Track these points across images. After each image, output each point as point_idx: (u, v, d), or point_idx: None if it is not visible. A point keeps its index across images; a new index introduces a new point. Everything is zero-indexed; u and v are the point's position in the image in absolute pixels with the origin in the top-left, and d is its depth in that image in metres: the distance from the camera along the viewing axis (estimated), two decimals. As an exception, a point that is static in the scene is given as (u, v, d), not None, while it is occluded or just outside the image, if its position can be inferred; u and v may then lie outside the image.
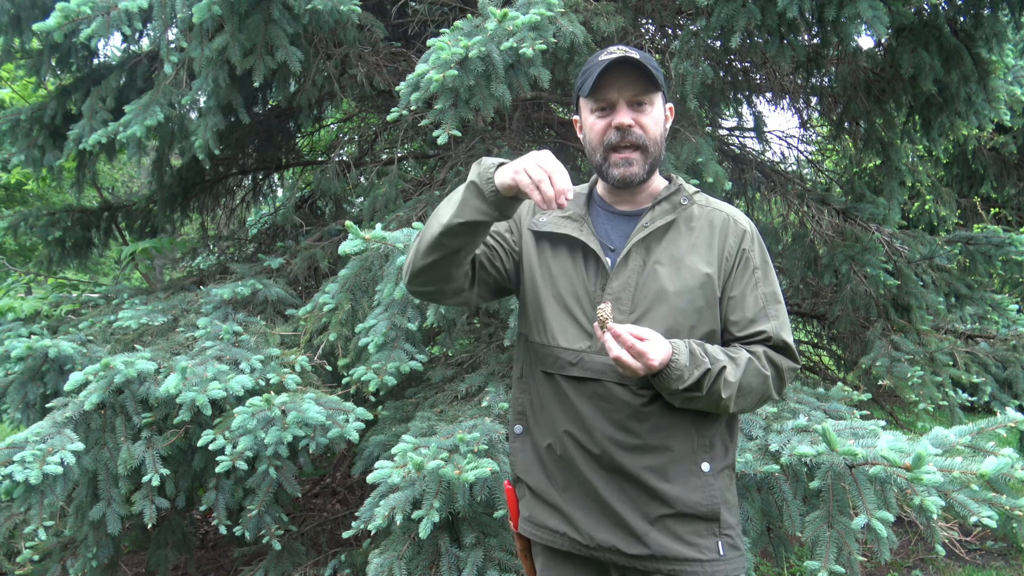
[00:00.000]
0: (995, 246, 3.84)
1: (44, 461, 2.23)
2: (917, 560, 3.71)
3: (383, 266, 2.60)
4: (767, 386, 1.46)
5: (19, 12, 3.42)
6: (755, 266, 1.52)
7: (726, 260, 1.50)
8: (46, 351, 2.76)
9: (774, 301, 1.52)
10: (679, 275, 1.47)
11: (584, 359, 1.48)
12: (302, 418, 2.36)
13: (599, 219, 1.57)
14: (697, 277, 1.47)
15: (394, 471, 2.09)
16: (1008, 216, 7.50)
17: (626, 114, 1.46)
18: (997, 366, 3.59)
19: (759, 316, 1.49)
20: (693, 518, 1.47)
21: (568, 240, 1.54)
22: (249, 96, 3.88)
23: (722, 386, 1.39)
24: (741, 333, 1.49)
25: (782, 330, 1.50)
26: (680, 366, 1.35)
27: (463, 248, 1.42)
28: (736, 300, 1.50)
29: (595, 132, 1.50)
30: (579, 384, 1.49)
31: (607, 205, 1.59)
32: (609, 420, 1.47)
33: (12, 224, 4.31)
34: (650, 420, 1.46)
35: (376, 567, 2.16)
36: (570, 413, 1.51)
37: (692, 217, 1.53)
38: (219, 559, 3.68)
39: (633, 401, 1.47)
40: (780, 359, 1.49)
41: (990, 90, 3.57)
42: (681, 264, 1.48)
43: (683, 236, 1.51)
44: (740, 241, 1.52)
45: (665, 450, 1.47)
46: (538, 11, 2.51)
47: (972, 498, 1.87)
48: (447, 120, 2.50)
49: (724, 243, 1.51)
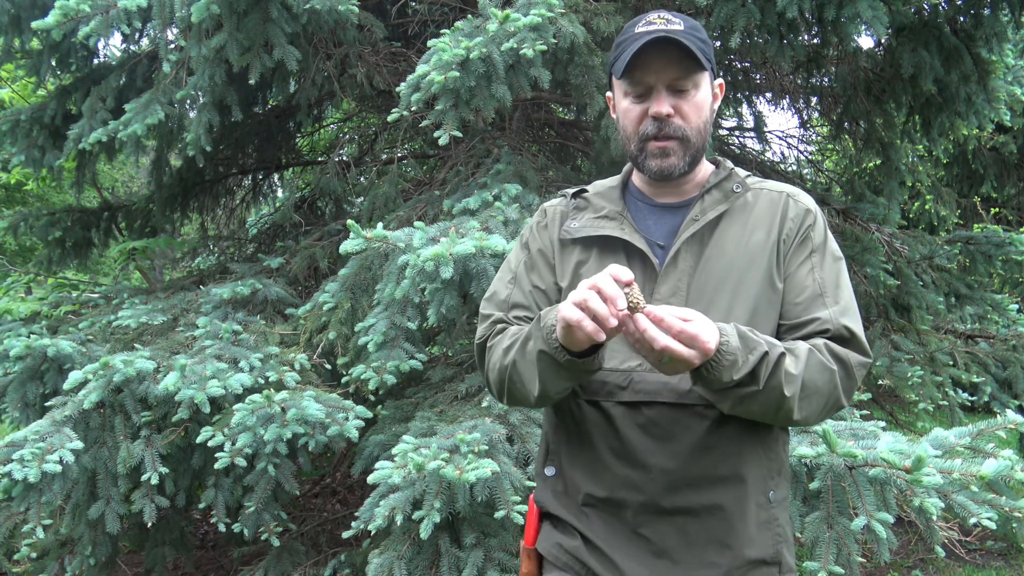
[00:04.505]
0: (995, 246, 3.84)
1: (43, 460, 2.23)
2: (917, 560, 3.71)
3: (383, 265, 2.60)
4: (835, 385, 1.19)
5: (19, 12, 3.42)
6: (813, 247, 1.29)
7: (783, 243, 1.29)
8: (45, 350, 2.76)
9: (835, 286, 1.27)
10: (736, 273, 1.26)
11: (635, 379, 1.26)
12: (301, 415, 2.36)
13: (639, 214, 1.36)
14: (757, 274, 1.26)
15: (394, 471, 2.09)
16: (1008, 216, 7.50)
17: (665, 102, 1.25)
18: (997, 366, 3.59)
19: (814, 302, 1.25)
20: (760, 565, 1.26)
21: (608, 242, 1.33)
22: (249, 96, 3.89)
23: (783, 379, 1.13)
24: (793, 321, 1.26)
25: (844, 316, 1.24)
26: (732, 348, 1.08)
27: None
28: (788, 284, 1.28)
29: (630, 119, 1.30)
30: (630, 411, 1.26)
31: (646, 198, 1.38)
32: (669, 451, 1.23)
33: (12, 224, 4.31)
34: (720, 445, 1.24)
35: (376, 567, 2.16)
36: (620, 447, 1.27)
37: (747, 204, 1.32)
38: (219, 559, 3.68)
39: (698, 424, 1.23)
40: (846, 352, 1.22)
41: (990, 90, 3.57)
42: (737, 261, 1.27)
43: (738, 227, 1.29)
44: (801, 221, 1.30)
45: (738, 481, 1.24)
46: (538, 12, 2.51)
47: (972, 499, 1.87)
48: (448, 121, 2.50)
49: (783, 225, 1.29)
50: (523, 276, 1.40)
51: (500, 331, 1.34)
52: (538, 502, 1.40)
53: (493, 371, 1.31)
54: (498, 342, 1.31)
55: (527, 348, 1.22)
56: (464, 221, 2.61)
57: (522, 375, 1.24)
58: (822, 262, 1.29)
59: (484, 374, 1.36)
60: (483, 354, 1.36)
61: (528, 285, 1.39)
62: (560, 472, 1.37)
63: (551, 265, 1.39)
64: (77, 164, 3.91)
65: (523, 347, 1.23)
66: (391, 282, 2.50)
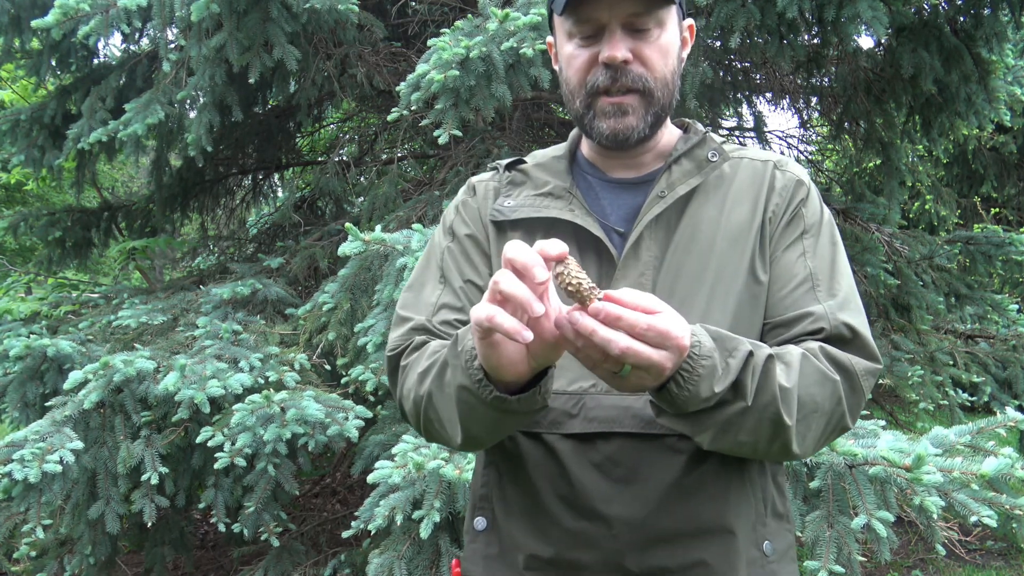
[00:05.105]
0: (995, 246, 3.84)
1: (43, 460, 2.23)
2: (917, 560, 3.71)
3: (382, 266, 2.60)
4: (838, 400, 0.92)
5: (19, 12, 3.42)
6: (805, 227, 1.04)
7: (769, 223, 1.03)
8: (45, 350, 2.76)
9: (830, 274, 1.01)
10: (714, 264, 1.01)
11: (587, 404, 0.98)
12: (301, 415, 2.36)
13: (590, 192, 1.09)
14: (739, 265, 1.01)
15: (394, 471, 2.09)
16: (1008, 216, 7.50)
17: (620, 44, 0.97)
18: (997, 366, 3.59)
19: (805, 294, 0.99)
20: None
21: (553, 226, 1.04)
22: (249, 96, 3.89)
23: (778, 393, 0.86)
24: (778, 319, 1.00)
25: (843, 310, 0.98)
26: (706, 350, 0.81)
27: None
28: (773, 272, 1.02)
29: (574, 68, 1.01)
30: (582, 446, 0.98)
31: (598, 172, 1.10)
32: (634, 497, 0.96)
33: (12, 224, 4.31)
34: (700, 487, 0.97)
35: (376, 567, 2.16)
36: (570, 493, 0.98)
37: (724, 177, 1.06)
38: (218, 559, 3.68)
39: (670, 460, 0.97)
40: (848, 358, 0.94)
41: (990, 90, 3.57)
42: (714, 248, 1.01)
43: (714, 206, 1.04)
44: (790, 195, 1.05)
45: (724, 533, 0.97)
46: (538, 11, 2.51)
47: (972, 498, 1.87)
48: (448, 120, 2.50)
49: (768, 201, 1.04)
50: (451, 268, 1.10)
51: (419, 345, 1.03)
52: (464, 570, 1.09)
53: (407, 400, 1.00)
54: (414, 361, 1.00)
55: (444, 379, 0.91)
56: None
57: (440, 414, 0.94)
58: (815, 245, 1.03)
59: (397, 400, 1.05)
60: (396, 373, 1.05)
61: (459, 280, 1.08)
62: (493, 526, 1.06)
63: (486, 254, 1.09)
64: (77, 164, 3.92)
65: (439, 376, 0.93)
66: (390, 283, 2.50)
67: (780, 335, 1.00)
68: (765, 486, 1.04)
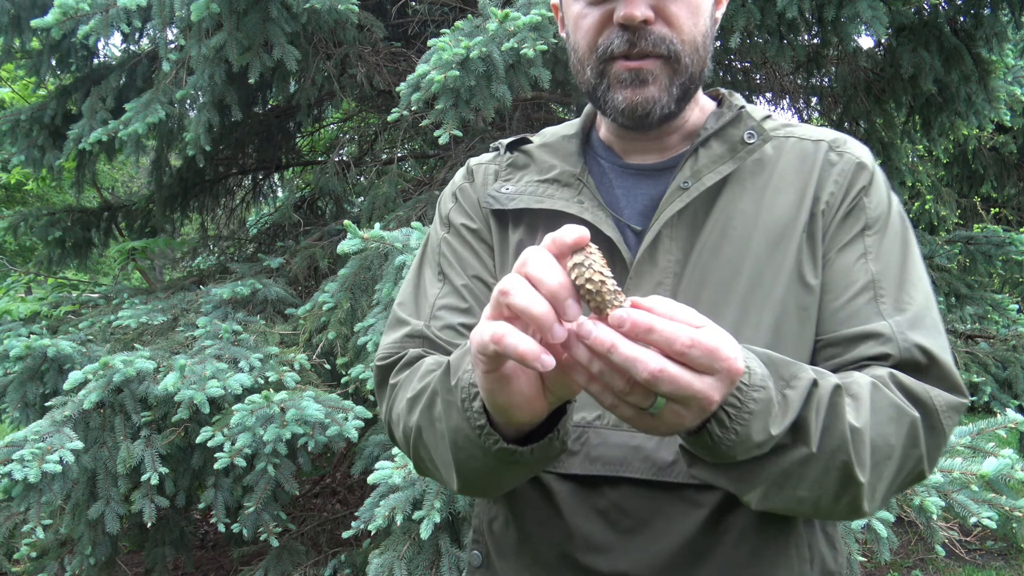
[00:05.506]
0: (995, 246, 3.84)
1: (43, 460, 2.23)
2: (917, 560, 3.71)
3: (382, 265, 2.60)
4: (914, 441, 0.73)
5: (19, 12, 3.42)
6: (867, 222, 0.83)
7: (822, 215, 0.83)
8: (45, 350, 2.76)
9: (898, 282, 0.81)
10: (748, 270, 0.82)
11: (591, 440, 0.82)
12: (301, 415, 2.36)
13: (604, 180, 0.91)
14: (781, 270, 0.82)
15: (394, 471, 2.09)
16: (1008, 216, 7.51)
17: (640, 1, 0.79)
18: (997, 366, 3.59)
19: (866, 306, 0.79)
20: None
21: (557, 220, 0.85)
22: (249, 96, 3.88)
23: (849, 438, 0.67)
24: (832, 336, 0.81)
25: (915, 329, 0.78)
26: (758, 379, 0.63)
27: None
28: (826, 278, 0.82)
29: (584, 31, 0.83)
30: (584, 491, 0.82)
31: (613, 156, 0.93)
32: (643, 554, 0.80)
33: (12, 224, 4.31)
34: (726, 549, 0.80)
35: (376, 567, 2.16)
36: (567, 544, 0.84)
37: (764, 162, 0.86)
38: (219, 559, 3.68)
39: (690, 514, 0.79)
40: (926, 390, 0.75)
41: (990, 90, 3.58)
42: (749, 250, 0.82)
43: (751, 198, 0.85)
44: (849, 181, 0.84)
45: None
46: (539, 11, 2.51)
47: (972, 498, 1.87)
48: (448, 120, 2.50)
49: (821, 189, 0.84)
50: (451, 263, 0.94)
51: (412, 360, 0.87)
52: None
53: (396, 427, 0.85)
54: (404, 381, 0.85)
55: (434, 412, 0.76)
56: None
57: (432, 454, 0.78)
58: (880, 244, 0.82)
59: (384, 421, 0.91)
60: (383, 387, 0.90)
61: (461, 276, 0.93)
62: (487, 563, 0.94)
63: (489, 245, 0.95)
64: (77, 164, 3.92)
65: (428, 409, 0.77)
66: (389, 282, 2.50)
67: (834, 357, 0.80)
68: (813, 541, 0.83)
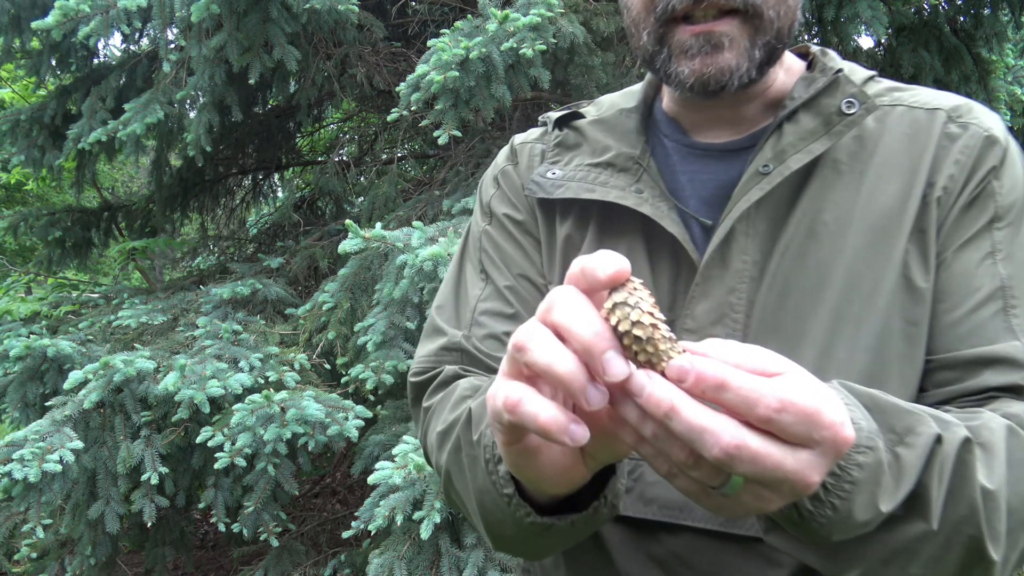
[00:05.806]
0: None
1: (43, 459, 2.23)
2: None
3: (382, 265, 2.60)
4: None
5: (19, 12, 3.42)
6: (996, 212, 0.66)
7: (938, 204, 0.67)
8: (45, 350, 2.76)
9: None
10: (842, 276, 0.67)
11: (645, 477, 0.69)
12: (301, 415, 2.36)
13: (668, 162, 0.76)
14: (885, 274, 0.66)
15: (395, 471, 2.09)
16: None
17: None
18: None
19: (990, 320, 0.63)
20: None
21: (612, 213, 0.74)
22: (249, 96, 3.89)
23: (981, 505, 0.52)
24: (946, 357, 0.65)
25: None
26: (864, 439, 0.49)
27: None
28: (940, 282, 0.66)
29: None
30: (639, 536, 0.70)
31: (680, 134, 0.77)
32: None
33: (12, 224, 4.31)
34: None
35: (376, 567, 2.16)
36: None
37: (866, 138, 0.69)
38: (219, 559, 3.68)
39: (767, 573, 0.66)
40: None
41: (990, 90, 3.58)
42: (844, 248, 0.67)
43: (847, 184, 0.69)
44: (973, 162, 0.67)
45: None
46: (538, 12, 2.51)
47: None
48: (447, 120, 2.50)
49: (936, 170, 0.67)
50: (492, 259, 0.81)
51: (448, 380, 0.77)
52: None
53: (431, 457, 0.75)
54: (437, 406, 0.75)
55: (461, 459, 0.65)
56: (463, 221, 2.61)
57: (464, 502, 0.67)
58: (1013, 241, 0.66)
59: (421, 444, 0.80)
60: (418, 406, 0.81)
61: (505, 276, 0.79)
62: None
63: (536, 239, 0.80)
64: (77, 164, 3.92)
65: (456, 453, 0.66)
66: (390, 282, 2.50)
67: (947, 384, 0.64)
68: None
